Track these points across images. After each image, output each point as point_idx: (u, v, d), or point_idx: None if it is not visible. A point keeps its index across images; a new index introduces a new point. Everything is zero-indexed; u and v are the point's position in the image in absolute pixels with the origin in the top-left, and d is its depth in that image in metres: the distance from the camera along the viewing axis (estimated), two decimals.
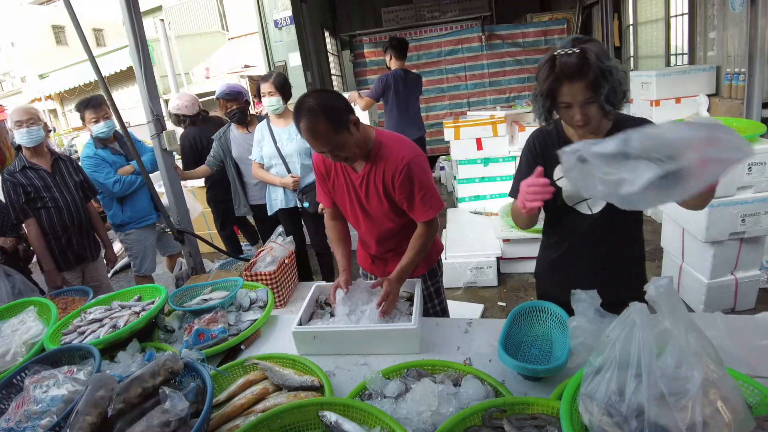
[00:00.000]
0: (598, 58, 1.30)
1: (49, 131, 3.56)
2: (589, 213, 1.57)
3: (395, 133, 1.81)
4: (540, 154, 1.58)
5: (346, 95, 4.51)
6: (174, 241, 3.87)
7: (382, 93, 4.62)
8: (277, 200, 3.19)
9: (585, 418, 0.93)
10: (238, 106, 3.27)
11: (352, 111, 1.63)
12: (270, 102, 3.02)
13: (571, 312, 1.57)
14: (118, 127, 3.16)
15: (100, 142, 3.37)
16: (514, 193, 1.63)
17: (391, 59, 4.64)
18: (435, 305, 2.04)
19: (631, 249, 1.66)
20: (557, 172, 1.55)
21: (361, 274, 2.17)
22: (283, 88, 3.03)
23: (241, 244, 4.85)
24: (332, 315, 1.75)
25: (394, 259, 1.97)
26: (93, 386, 1.16)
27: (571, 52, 1.32)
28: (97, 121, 3.25)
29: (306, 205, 3.06)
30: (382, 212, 1.81)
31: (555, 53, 1.34)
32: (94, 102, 3.24)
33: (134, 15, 2.82)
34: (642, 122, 1.48)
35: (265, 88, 3.02)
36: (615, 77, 1.32)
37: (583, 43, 1.33)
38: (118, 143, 3.45)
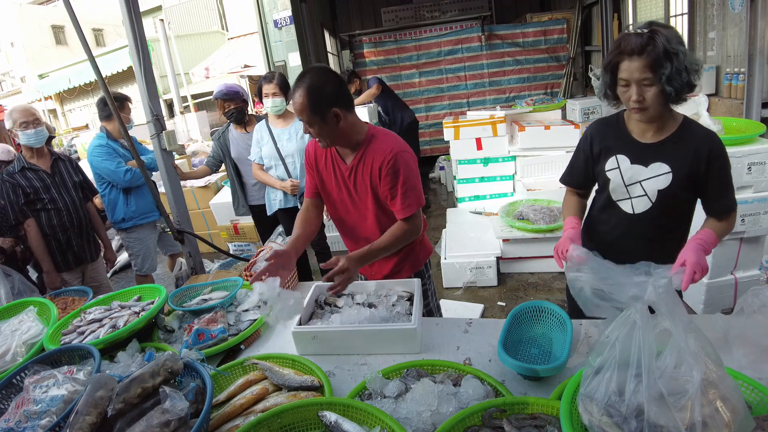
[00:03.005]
0: (667, 41, 1.31)
1: (53, 137, 3.56)
2: (631, 212, 1.58)
3: (387, 130, 1.82)
4: (596, 145, 1.62)
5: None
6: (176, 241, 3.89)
7: (383, 86, 5.46)
8: (276, 200, 3.19)
9: (585, 418, 0.93)
10: (235, 106, 3.27)
11: (341, 103, 1.63)
12: (274, 103, 3.02)
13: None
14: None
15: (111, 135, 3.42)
16: (564, 179, 1.75)
17: (358, 82, 5.65)
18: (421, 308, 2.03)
19: (670, 253, 1.61)
20: (610, 163, 1.58)
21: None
22: (286, 87, 3.04)
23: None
24: (332, 309, 1.75)
25: (380, 260, 1.96)
26: (93, 386, 1.16)
27: (640, 32, 1.34)
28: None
29: None
30: (369, 204, 1.81)
31: (627, 31, 1.38)
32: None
33: (134, 15, 2.82)
34: (711, 135, 1.47)
35: (269, 89, 3.02)
36: (680, 62, 1.33)
37: (658, 27, 1.35)
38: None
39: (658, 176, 1.51)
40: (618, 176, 1.57)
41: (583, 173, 1.70)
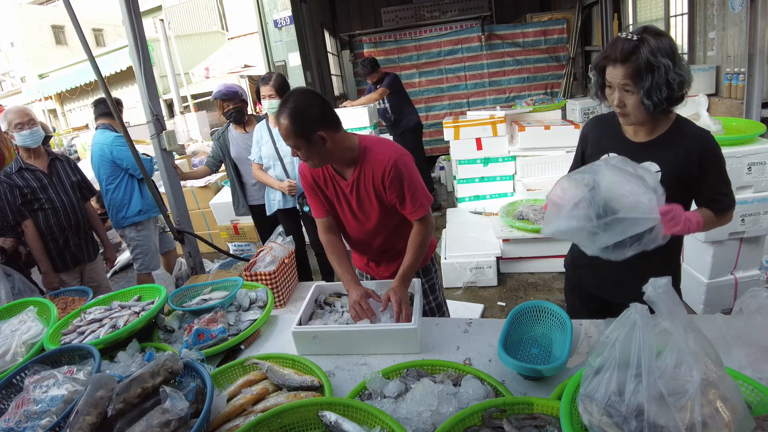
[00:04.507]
0: (651, 52, 1.31)
1: (50, 137, 3.58)
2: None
3: (378, 137, 1.83)
4: (590, 142, 1.65)
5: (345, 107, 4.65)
6: (170, 238, 3.92)
7: (395, 86, 5.34)
8: (275, 200, 3.19)
9: (585, 419, 0.93)
10: (234, 106, 3.26)
11: (327, 124, 1.63)
12: (270, 104, 3.02)
13: (595, 306, 1.68)
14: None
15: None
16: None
17: (374, 74, 5.36)
18: (430, 302, 2.05)
19: (667, 252, 1.60)
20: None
21: (357, 274, 2.17)
22: (282, 90, 3.03)
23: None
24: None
25: (387, 261, 1.98)
26: (93, 386, 1.16)
27: (630, 38, 1.34)
28: None
29: (307, 209, 3.07)
30: (374, 216, 1.82)
31: (620, 34, 1.38)
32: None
33: (134, 15, 2.83)
34: (703, 134, 1.46)
35: (266, 90, 3.02)
36: (662, 75, 1.32)
37: (649, 34, 1.33)
38: None
39: None
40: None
41: None
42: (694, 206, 1.58)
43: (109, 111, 3.36)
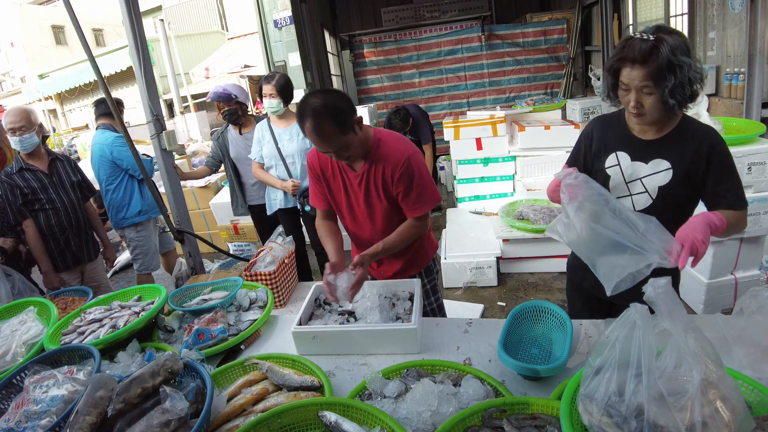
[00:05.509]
0: (671, 51, 1.29)
1: (47, 136, 3.57)
2: (632, 210, 1.55)
3: (389, 131, 1.82)
4: (595, 141, 1.62)
5: None
6: (170, 238, 3.92)
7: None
8: (276, 200, 3.19)
9: (585, 419, 0.93)
10: (228, 108, 3.27)
11: (355, 110, 1.64)
12: (270, 103, 3.02)
13: (596, 306, 1.69)
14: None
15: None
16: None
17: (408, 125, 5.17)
18: (431, 302, 2.05)
19: None
20: (610, 160, 1.57)
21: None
22: (284, 91, 3.03)
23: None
24: (341, 311, 1.74)
25: (389, 259, 1.97)
26: (93, 386, 1.17)
27: (646, 38, 1.31)
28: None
29: (308, 209, 3.06)
30: (380, 210, 1.81)
31: (633, 34, 1.35)
32: None
33: (134, 15, 2.82)
34: (710, 131, 1.46)
35: (267, 89, 3.02)
36: (684, 74, 1.30)
37: (664, 33, 1.31)
38: None
39: (657, 173, 1.50)
40: (618, 173, 1.56)
41: (581, 166, 1.70)
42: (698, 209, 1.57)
43: (109, 111, 3.36)
